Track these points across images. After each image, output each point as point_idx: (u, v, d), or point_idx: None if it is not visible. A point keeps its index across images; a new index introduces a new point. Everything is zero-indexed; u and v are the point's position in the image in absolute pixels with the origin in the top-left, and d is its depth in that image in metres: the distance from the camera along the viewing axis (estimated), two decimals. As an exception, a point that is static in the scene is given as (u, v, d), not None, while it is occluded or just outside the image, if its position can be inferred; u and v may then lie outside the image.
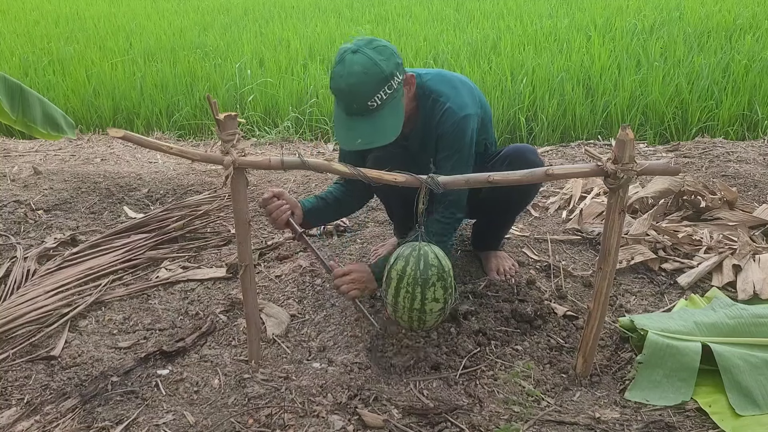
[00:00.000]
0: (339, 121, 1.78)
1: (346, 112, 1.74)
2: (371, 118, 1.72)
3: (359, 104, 1.70)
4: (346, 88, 1.68)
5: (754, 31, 5.27)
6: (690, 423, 1.58)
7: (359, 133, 1.72)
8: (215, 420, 1.59)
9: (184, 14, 8.08)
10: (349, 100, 1.70)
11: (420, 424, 1.58)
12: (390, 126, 1.74)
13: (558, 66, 4.63)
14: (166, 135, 4.50)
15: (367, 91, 1.68)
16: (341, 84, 1.68)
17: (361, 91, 1.68)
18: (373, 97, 1.69)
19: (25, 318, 2.03)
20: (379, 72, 1.68)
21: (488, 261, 2.29)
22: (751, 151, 3.46)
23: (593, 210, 2.70)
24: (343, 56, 1.69)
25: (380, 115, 1.72)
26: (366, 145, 1.73)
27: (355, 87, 1.67)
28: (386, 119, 1.73)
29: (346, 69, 1.67)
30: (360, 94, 1.68)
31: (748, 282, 2.12)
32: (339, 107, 1.76)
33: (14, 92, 2.81)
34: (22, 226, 2.79)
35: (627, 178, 1.46)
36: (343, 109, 1.74)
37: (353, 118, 1.73)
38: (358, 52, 1.68)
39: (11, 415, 1.64)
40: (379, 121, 1.72)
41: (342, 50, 1.72)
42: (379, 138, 1.73)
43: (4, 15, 8.52)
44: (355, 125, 1.73)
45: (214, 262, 2.47)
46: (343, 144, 1.79)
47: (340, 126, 1.77)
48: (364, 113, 1.71)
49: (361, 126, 1.72)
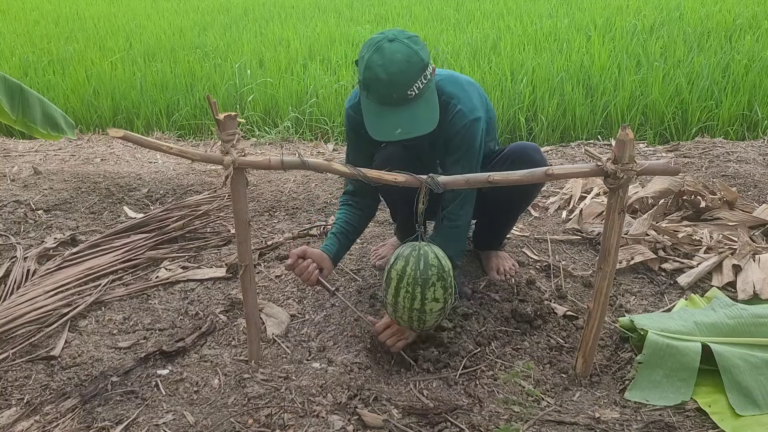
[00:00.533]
0: (372, 112, 1.71)
1: (382, 102, 1.68)
2: (409, 108, 1.67)
3: (399, 93, 1.65)
4: (387, 77, 1.62)
5: (754, 31, 5.27)
6: (690, 423, 1.58)
7: (398, 123, 1.67)
8: (215, 420, 1.59)
9: (184, 14, 8.08)
10: (388, 89, 1.65)
11: (420, 424, 1.58)
12: (428, 115, 1.70)
13: (558, 66, 4.63)
14: (166, 135, 4.50)
15: (408, 80, 1.64)
16: (380, 73, 1.63)
17: (402, 80, 1.63)
18: (413, 86, 1.65)
19: (25, 318, 2.03)
20: (419, 60, 1.65)
21: (488, 260, 2.29)
22: (751, 151, 3.46)
23: (593, 210, 2.70)
24: (380, 45, 1.64)
25: (418, 104, 1.68)
26: (404, 135, 1.68)
27: (396, 76, 1.62)
28: (424, 109, 1.69)
29: (387, 58, 1.62)
30: (401, 83, 1.64)
31: (748, 282, 2.12)
32: (371, 98, 1.70)
33: (14, 92, 2.81)
34: (22, 226, 2.79)
35: (627, 178, 1.46)
36: (378, 99, 1.68)
37: (390, 108, 1.68)
38: (396, 41, 1.64)
39: (11, 415, 1.64)
40: (417, 111, 1.68)
41: (376, 40, 1.66)
42: (419, 127, 1.69)
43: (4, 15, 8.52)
44: (392, 115, 1.68)
45: (214, 262, 2.47)
46: (379, 135, 1.71)
47: (374, 117, 1.71)
48: (402, 103, 1.67)
49: (399, 116, 1.67)
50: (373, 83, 1.66)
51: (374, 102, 1.70)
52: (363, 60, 1.67)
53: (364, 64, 1.66)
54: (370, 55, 1.65)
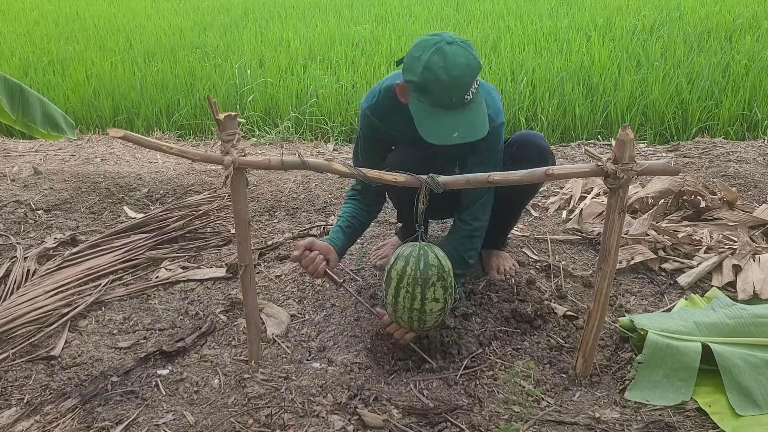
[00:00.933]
0: (425, 115, 1.68)
1: (436, 105, 1.65)
2: (464, 112, 1.66)
3: (458, 97, 1.63)
4: (449, 80, 1.60)
5: (754, 31, 5.27)
6: (690, 423, 1.58)
7: (455, 126, 1.65)
8: (215, 420, 1.59)
9: (184, 14, 8.08)
10: (448, 92, 1.62)
11: (420, 424, 1.58)
12: (481, 119, 1.69)
13: (558, 66, 4.63)
14: (166, 135, 4.50)
15: (468, 84, 1.63)
16: (442, 75, 1.60)
17: (464, 83, 1.62)
18: (470, 90, 1.64)
19: (25, 318, 2.03)
20: (477, 65, 1.64)
21: (489, 260, 2.29)
22: (751, 151, 3.46)
23: (593, 210, 2.70)
24: (440, 47, 1.62)
25: (472, 108, 1.67)
26: (461, 139, 1.66)
27: (458, 79, 1.61)
28: (478, 112, 1.68)
29: (449, 60, 1.60)
30: (461, 87, 1.62)
31: (748, 282, 2.12)
32: (424, 100, 1.66)
33: (14, 92, 2.82)
34: (22, 226, 2.79)
35: (627, 178, 1.46)
36: (432, 102, 1.65)
37: (445, 111, 1.65)
38: (454, 44, 1.62)
39: (11, 415, 1.64)
40: (471, 115, 1.67)
41: (433, 42, 1.64)
42: (475, 131, 1.67)
43: (4, 15, 8.52)
44: (448, 119, 1.66)
45: (214, 262, 2.47)
46: (435, 138, 1.68)
47: (429, 120, 1.68)
48: (458, 107, 1.65)
49: (456, 119, 1.65)
50: (432, 85, 1.62)
51: (427, 104, 1.66)
52: (420, 61, 1.63)
53: (423, 65, 1.62)
54: (429, 57, 1.61)
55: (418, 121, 1.69)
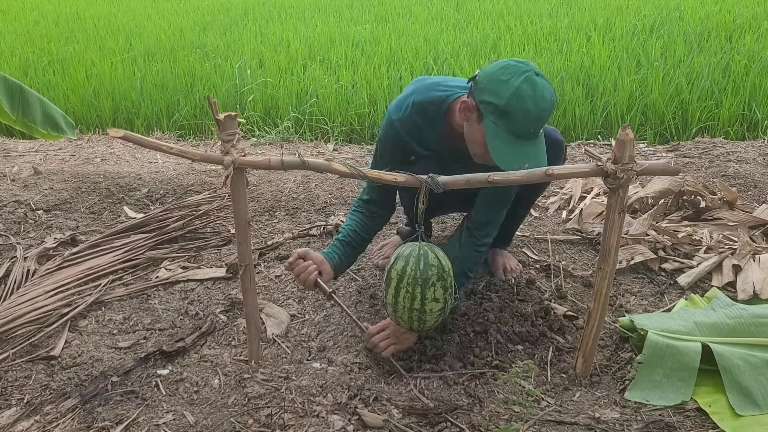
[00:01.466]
0: (500, 140, 1.67)
1: (512, 133, 1.65)
2: (535, 144, 1.68)
3: (537, 129, 1.65)
4: (536, 111, 1.61)
5: (754, 31, 5.27)
6: (690, 423, 1.58)
7: (527, 157, 1.66)
8: (215, 420, 1.59)
9: (184, 14, 8.08)
10: (531, 123, 1.63)
11: (420, 424, 1.58)
12: (544, 152, 1.71)
13: (558, 66, 4.63)
14: (166, 135, 4.50)
15: (548, 118, 1.65)
16: (530, 105, 1.60)
17: (546, 116, 1.64)
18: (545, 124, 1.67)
19: (25, 318, 2.03)
20: (556, 101, 1.66)
21: (495, 260, 2.29)
22: (751, 151, 3.46)
23: (593, 210, 2.70)
24: (530, 77, 1.62)
25: (540, 141, 1.70)
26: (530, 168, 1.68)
27: (544, 112, 1.63)
28: (543, 145, 1.71)
29: (539, 93, 1.61)
30: (543, 120, 1.64)
31: (748, 282, 2.12)
32: (502, 126, 1.65)
33: (14, 92, 2.82)
34: (22, 226, 2.79)
35: (627, 178, 1.46)
36: (510, 129, 1.64)
37: (521, 140, 1.66)
38: (541, 77, 1.64)
39: (11, 415, 1.64)
40: (540, 147, 1.69)
41: (522, 69, 1.63)
42: (542, 163, 1.68)
43: (4, 15, 8.52)
44: (522, 148, 1.66)
45: (214, 262, 2.47)
46: (507, 165, 1.66)
47: (504, 146, 1.67)
48: (532, 137, 1.67)
49: (529, 150, 1.67)
50: (517, 112, 1.62)
51: (504, 130, 1.65)
52: (509, 86, 1.62)
53: (512, 91, 1.61)
54: (520, 84, 1.61)
55: (491, 144, 1.67)
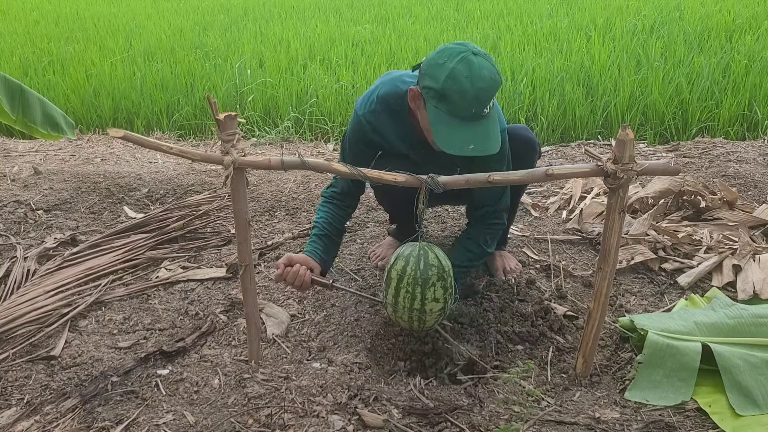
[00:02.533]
0: (442, 123, 1.66)
1: (454, 115, 1.64)
2: (482, 125, 1.65)
3: (478, 109, 1.62)
4: (473, 90, 1.59)
5: (754, 31, 5.27)
6: (690, 423, 1.58)
7: (472, 138, 1.64)
8: (215, 420, 1.59)
9: (184, 14, 8.08)
10: (470, 103, 1.61)
11: (420, 424, 1.58)
12: (496, 134, 1.68)
13: (558, 66, 4.63)
14: (166, 135, 4.50)
15: (489, 97, 1.62)
16: (466, 85, 1.59)
17: (486, 95, 1.61)
18: (489, 103, 1.63)
19: (25, 318, 2.03)
20: (499, 79, 1.64)
21: (493, 261, 2.29)
22: (751, 151, 3.46)
23: (593, 210, 2.70)
24: (466, 57, 1.60)
25: (489, 122, 1.66)
26: (477, 152, 1.65)
27: (482, 91, 1.60)
28: (493, 127, 1.68)
29: (475, 72, 1.59)
30: (484, 99, 1.61)
31: (748, 282, 2.12)
32: (443, 108, 1.64)
33: (14, 92, 2.81)
34: (22, 226, 2.79)
35: (627, 178, 1.46)
36: (451, 111, 1.63)
37: (463, 122, 1.64)
38: (480, 56, 1.61)
39: (11, 415, 1.64)
40: (488, 128, 1.66)
41: (458, 51, 1.62)
42: (490, 145, 1.66)
43: (4, 15, 8.52)
44: (465, 130, 1.64)
45: (214, 262, 2.47)
46: (451, 149, 1.67)
47: (446, 128, 1.66)
48: (477, 119, 1.64)
49: (473, 131, 1.64)
50: (454, 94, 1.61)
51: (446, 113, 1.64)
52: (444, 68, 1.60)
53: (447, 73, 1.60)
54: (454, 65, 1.59)
55: (434, 129, 1.67)
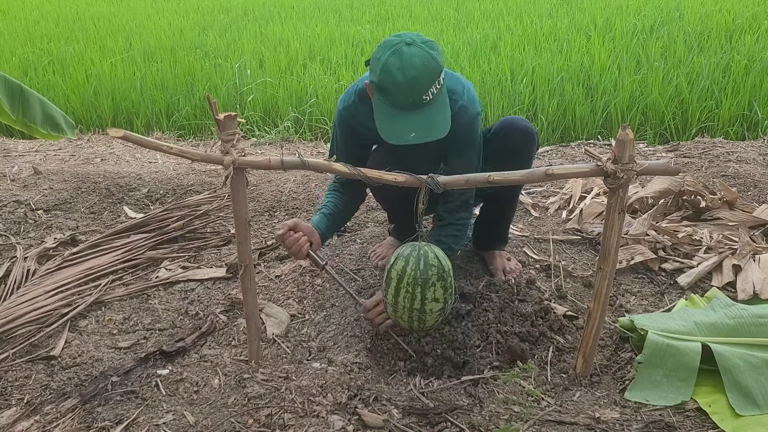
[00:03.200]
0: (384, 115, 1.71)
1: (395, 106, 1.68)
2: (423, 113, 1.68)
3: (415, 98, 1.65)
4: (405, 81, 1.62)
5: (754, 31, 5.27)
6: (690, 423, 1.58)
7: (412, 127, 1.67)
8: (215, 420, 1.59)
9: (184, 14, 8.08)
10: (405, 93, 1.64)
11: (420, 424, 1.58)
12: (442, 120, 1.70)
13: (558, 66, 4.63)
14: (166, 135, 4.50)
15: (425, 85, 1.64)
16: (398, 76, 1.62)
17: (420, 84, 1.63)
18: (428, 91, 1.65)
19: (25, 318, 2.03)
20: (436, 66, 1.65)
21: (494, 260, 2.29)
22: (751, 151, 3.46)
23: (593, 210, 2.70)
24: (398, 48, 1.63)
25: (432, 109, 1.68)
26: (419, 140, 1.68)
27: (414, 80, 1.62)
28: (438, 113, 1.70)
29: (406, 61, 1.61)
30: (418, 88, 1.63)
31: (748, 282, 2.12)
32: (384, 101, 1.69)
33: (14, 92, 2.81)
34: (22, 226, 2.79)
35: (627, 178, 1.46)
36: (392, 102, 1.68)
37: (404, 112, 1.68)
38: (413, 45, 1.63)
39: (11, 415, 1.64)
40: (431, 115, 1.68)
41: (392, 42, 1.65)
42: (433, 132, 1.69)
43: (4, 15, 8.52)
44: (406, 119, 1.68)
45: (214, 262, 2.47)
46: (393, 139, 1.71)
47: (388, 120, 1.70)
48: (416, 107, 1.67)
49: (413, 120, 1.67)
50: (389, 86, 1.64)
51: (387, 105, 1.69)
52: (379, 62, 1.65)
53: (381, 66, 1.64)
54: (387, 58, 1.63)
55: (378, 121, 1.72)
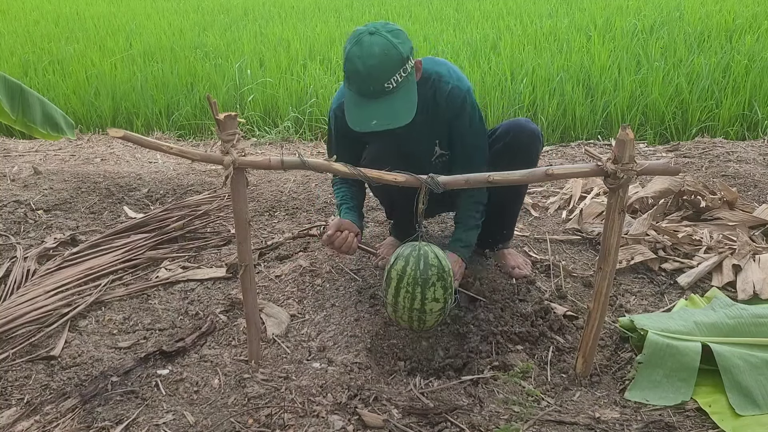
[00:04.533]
0: (351, 103, 1.76)
1: (360, 94, 1.73)
2: (386, 100, 1.71)
3: (376, 86, 1.68)
4: (364, 69, 1.66)
5: (754, 31, 5.27)
6: (690, 423, 1.58)
7: (374, 114, 1.71)
8: (215, 420, 1.59)
9: (184, 14, 8.08)
10: (365, 81, 1.68)
11: (420, 424, 1.58)
12: (405, 108, 1.73)
13: (558, 66, 4.63)
14: (166, 135, 4.50)
15: (385, 73, 1.67)
16: (359, 65, 1.67)
17: (379, 72, 1.67)
18: (390, 79, 1.68)
19: (25, 318, 2.03)
20: (397, 54, 1.68)
21: (504, 260, 2.29)
22: (751, 151, 3.46)
23: (593, 210, 2.70)
24: (359, 38, 1.68)
25: (395, 97, 1.72)
26: (380, 127, 1.71)
27: (373, 68, 1.66)
28: (401, 101, 1.73)
29: (365, 50, 1.66)
30: (378, 76, 1.67)
31: (748, 282, 2.12)
32: (351, 89, 1.74)
33: (14, 92, 2.81)
34: (22, 226, 2.79)
35: (627, 178, 1.46)
36: (356, 91, 1.73)
37: (368, 100, 1.72)
38: (376, 34, 1.67)
39: (11, 415, 1.64)
40: (394, 103, 1.72)
41: (358, 32, 1.70)
42: (395, 119, 1.72)
43: (4, 15, 8.52)
44: (369, 107, 1.72)
45: (214, 262, 2.47)
46: (356, 126, 1.75)
47: (353, 108, 1.75)
48: (379, 95, 1.70)
49: (376, 108, 1.71)
50: (351, 75, 1.70)
51: (354, 93, 1.74)
52: (345, 51, 1.71)
53: (345, 55, 1.70)
54: (350, 47, 1.69)
55: (345, 109, 1.78)
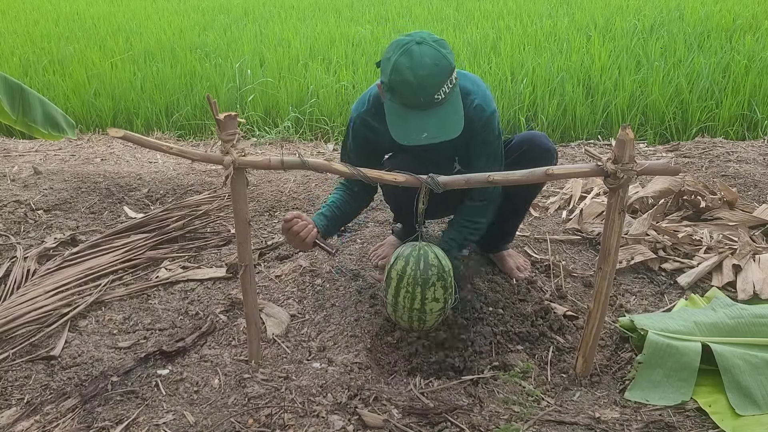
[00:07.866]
0: (395, 115, 1.69)
1: (407, 106, 1.66)
2: (435, 112, 1.66)
3: (426, 97, 1.63)
4: (416, 80, 1.60)
5: (754, 31, 5.27)
6: (690, 423, 1.58)
7: (424, 127, 1.65)
8: (215, 420, 1.59)
9: (184, 14, 8.08)
10: (415, 93, 1.63)
11: (420, 424, 1.58)
12: (454, 119, 1.68)
13: (558, 66, 4.63)
14: (166, 135, 4.50)
15: (437, 84, 1.62)
16: (409, 76, 1.60)
17: (431, 83, 1.61)
18: (440, 90, 1.63)
19: (25, 318, 2.03)
20: (447, 64, 1.63)
21: (505, 262, 2.29)
22: (751, 151, 3.46)
23: (593, 210, 2.70)
24: (407, 47, 1.62)
25: (444, 108, 1.67)
26: (431, 140, 1.65)
27: (425, 79, 1.60)
28: (451, 113, 1.68)
29: (416, 61, 1.60)
30: (429, 87, 1.62)
31: (748, 282, 2.12)
32: (395, 101, 1.68)
33: (14, 92, 2.81)
34: (22, 226, 2.79)
35: (627, 178, 1.46)
36: (403, 102, 1.66)
37: (416, 111, 1.66)
38: (424, 44, 1.62)
39: (11, 415, 1.64)
40: (444, 115, 1.67)
41: (403, 42, 1.64)
42: (446, 132, 1.67)
43: (4, 15, 8.52)
44: (418, 119, 1.66)
45: (214, 262, 2.47)
46: (404, 139, 1.68)
47: (398, 120, 1.69)
48: (427, 107, 1.65)
49: (425, 120, 1.65)
50: (399, 86, 1.63)
51: (399, 104, 1.67)
52: (390, 62, 1.64)
53: (391, 66, 1.63)
54: (397, 58, 1.62)
55: (389, 122, 1.69)
